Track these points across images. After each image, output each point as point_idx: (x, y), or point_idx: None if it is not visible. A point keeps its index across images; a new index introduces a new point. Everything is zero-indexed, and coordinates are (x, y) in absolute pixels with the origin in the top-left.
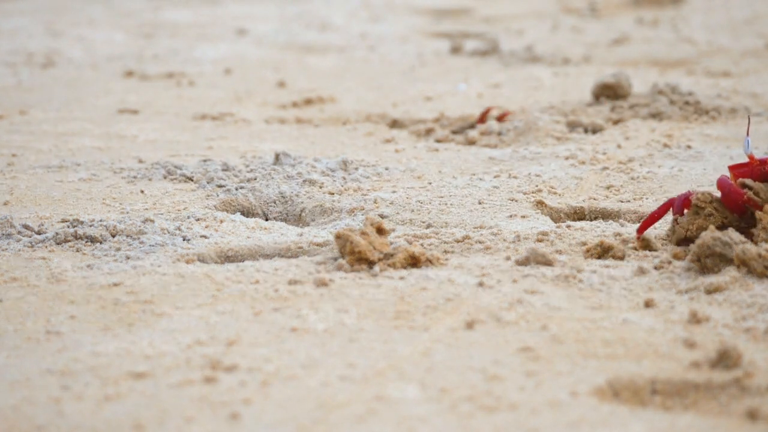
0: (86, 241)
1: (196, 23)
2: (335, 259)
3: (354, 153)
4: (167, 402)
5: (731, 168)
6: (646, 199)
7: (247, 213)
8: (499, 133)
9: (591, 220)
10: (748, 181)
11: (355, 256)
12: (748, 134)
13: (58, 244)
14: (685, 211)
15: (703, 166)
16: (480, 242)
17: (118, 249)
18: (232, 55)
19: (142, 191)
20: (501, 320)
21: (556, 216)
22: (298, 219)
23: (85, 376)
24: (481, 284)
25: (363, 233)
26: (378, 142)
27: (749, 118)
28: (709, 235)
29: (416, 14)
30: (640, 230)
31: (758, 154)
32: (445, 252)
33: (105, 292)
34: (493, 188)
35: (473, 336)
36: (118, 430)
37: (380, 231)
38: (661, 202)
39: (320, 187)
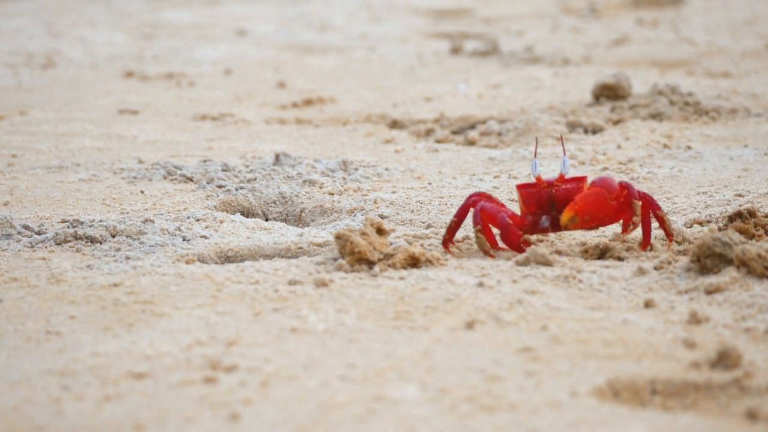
0: (86, 242)
1: (196, 24)
2: (335, 259)
3: (354, 153)
4: (167, 402)
5: (519, 187)
6: None
7: (247, 213)
8: (499, 134)
9: None
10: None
11: (355, 257)
12: (536, 156)
13: (58, 244)
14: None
15: (703, 167)
16: None
17: (118, 249)
18: (232, 56)
19: (142, 192)
20: (501, 320)
21: None
22: (298, 219)
23: (85, 376)
24: (481, 284)
25: (363, 233)
26: (378, 142)
27: (536, 141)
28: (709, 235)
29: (416, 15)
30: (446, 244)
31: (546, 176)
32: (445, 252)
33: (105, 293)
34: (493, 188)
35: (473, 336)
36: (118, 430)
37: (380, 231)
38: (661, 203)
39: (320, 188)
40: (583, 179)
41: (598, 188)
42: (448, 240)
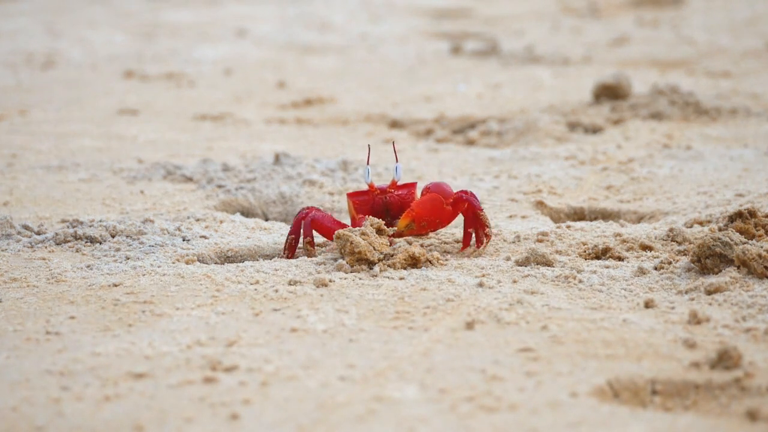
0: (86, 242)
1: (196, 23)
2: (335, 259)
3: (354, 153)
4: (167, 402)
5: (350, 195)
6: (647, 199)
7: (247, 213)
8: (499, 134)
9: (591, 221)
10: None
11: (355, 257)
12: (368, 163)
13: (57, 244)
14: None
15: (703, 166)
16: None
17: (118, 249)
18: (232, 56)
19: (141, 192)
20: (501, 321)
21: (556, 216)
22: None
23: (85, 376)
24: (481, 284)
25: (363, 233)
26: (378, 142)
27: (369, 148)
28: (710, 235)
29: (416, 15)
30: (290, 254)
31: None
32: (445, 252)
33: (105, 293)
34: (493, 188)
35: (473, 336)
36: (118, 430)
37: (380, 231)
38: (661, 203)
39: (320, 188)
40: (413, 185)
41: (434, 194)
42: (290, 256)
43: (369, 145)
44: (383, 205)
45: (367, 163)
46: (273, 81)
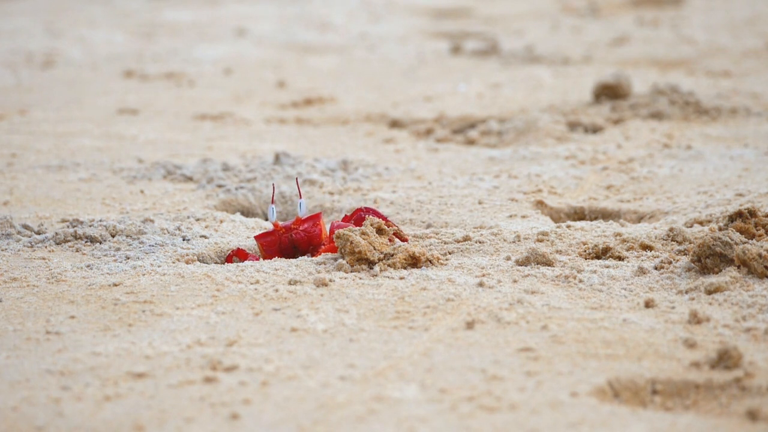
0: (86, 241)
1: (196, 23)
2: (335, 259)
3: (354, 153)
4: (167, 402)
5: (257, 238)
6: (647, 199)
7: (247, 213)
8: (499, 133)
9: (591, 220)
10: None
11: (355, 256)
12: (273, 202)
13: (57, 244)
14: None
15: (703, 166)
16: (480, 242)
17: (118, 249)
18: (232, 55)
19: (141, 191)
20: (501, 320)
21: (556, 216)
22: None
23: (85, 376)
24: (481, 284)
25: (363, 233)
26: (378, 142)
27: (273, 187)
28: (710, 235)
29: (416, 14)
30: None
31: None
32: (445, 252)
33: (105, 293)
34: (493, 188)
35: (473, 336)
36: (118, 430)
37: (380, 231)
38: (661, 202)
39: (320, 187)
40: (317, 216)
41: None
42: None
43: (273, 185)
44: (290, 242)
45: (272, 202)
46: (273, 81)
